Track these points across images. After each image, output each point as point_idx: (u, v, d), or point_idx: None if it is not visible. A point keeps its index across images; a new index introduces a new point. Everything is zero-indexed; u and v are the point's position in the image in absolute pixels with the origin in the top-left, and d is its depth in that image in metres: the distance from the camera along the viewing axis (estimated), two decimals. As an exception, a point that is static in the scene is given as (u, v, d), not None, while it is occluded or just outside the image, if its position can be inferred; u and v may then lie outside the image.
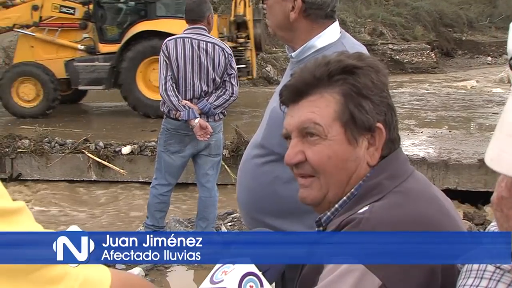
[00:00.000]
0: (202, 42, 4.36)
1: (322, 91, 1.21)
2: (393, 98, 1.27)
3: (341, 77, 1.20)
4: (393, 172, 1.21)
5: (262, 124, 2.08)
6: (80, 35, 9.89)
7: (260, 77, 16.26)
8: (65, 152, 7.36)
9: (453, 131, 8.47)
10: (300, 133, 1.23)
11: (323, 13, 1.95)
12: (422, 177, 1.28)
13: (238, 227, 5.15)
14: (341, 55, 1.25)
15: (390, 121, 1.23)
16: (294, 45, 1.99)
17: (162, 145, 4.59)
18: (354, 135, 1.20)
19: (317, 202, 1.25)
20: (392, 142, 1.24)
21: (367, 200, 1.16)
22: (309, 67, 1.24)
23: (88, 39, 9.86)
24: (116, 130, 8.73)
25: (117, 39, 9.58)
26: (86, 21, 9.80)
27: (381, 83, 1.22)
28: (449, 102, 11.90)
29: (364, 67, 1.21)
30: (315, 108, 1.21)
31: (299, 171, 1.24)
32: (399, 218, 1.10)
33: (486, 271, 0.96)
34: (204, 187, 4.61)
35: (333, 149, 1.19)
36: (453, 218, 1.20)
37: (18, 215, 0.74)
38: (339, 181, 1.21)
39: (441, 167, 6.48)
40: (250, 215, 2.07)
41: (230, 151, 6.91)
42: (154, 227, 4.69)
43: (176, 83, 4.37)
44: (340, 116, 1.19)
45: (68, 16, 9.79)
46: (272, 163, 1.95)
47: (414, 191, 1.18)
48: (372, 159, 1.22)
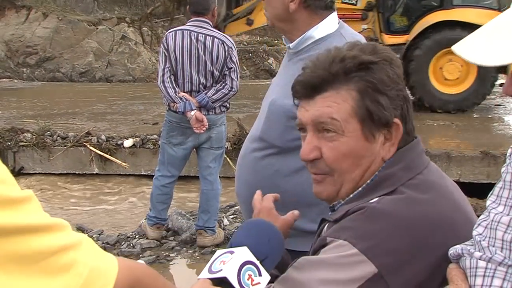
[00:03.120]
0: (201, 35, 4.34)
1: (338, 88, 1.20)
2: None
3: (357, 74, 1.19)
4: (408, 163, 1.21)
5: (260, 117, 2.06)
6: (359, 26, 9.35)
7: (262, 69, 16.24)
8: (67, 145, 7.36)
9: (456, 122, 8.43)
10: (316, 128, 1.22)
11: (323, 3, 1.93)
12: (437, 169, 1.28)
13: (240, 220, 5.15)
14: (355, 48, 1.23)
15: (406, 114, 1.23)
16: (292, 36, 1.97)
17: (165, 137, 4.59)
18: (371, 131, 1.19)
19: (331, 198, 1.26)
20: (407, 134, 1.24)
21: (380, 191, 1.16)
22: (323, 62, 1.22)
23: (368, 30, 9.44)
24: (118, 123, 8.72)
25: (405, 30, 9.25)
26: (367, 11, 9.48)
27: (396, 76, 1.21)
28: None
29: (379, 61, 1.20)
30: (332, 103, 1.20)
31: (314, 169, 1.25)
32: (407, 215, 1.10)
33: (478, 268, 0.95)
34: (206, 179, 4.61)
35: (350, 146, 1.19)
36: (465, 212, 1.20)
37: (26, 204, 0.74)
38: (353, 178, 1.21)
39: (443, 159, 6.46)
40: (250, 210, 2.06)
41: (232, 144, 6.90)
42: (156, 219, 4.70)
43: (175, 75, 4.36)
44: (357, 112, 1.19)
45: (350, 7, 9.47)
46: (272, 156, 1.94)
47: (428, 185, 1.17)
48: (388, 154, 1.22)
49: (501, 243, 0.95)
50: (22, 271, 0.71)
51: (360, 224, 1.10)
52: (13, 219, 0.70)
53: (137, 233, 4.91)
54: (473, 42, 0.89)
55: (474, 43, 0.88)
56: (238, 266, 1.07)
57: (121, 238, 4.84)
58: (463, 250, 0.99)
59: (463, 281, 0.96)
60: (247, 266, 1.08)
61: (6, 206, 0.70)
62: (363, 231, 1.08)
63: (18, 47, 15.75)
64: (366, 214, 1.10)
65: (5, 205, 0.70)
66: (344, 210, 1.16)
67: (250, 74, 16.06)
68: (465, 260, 0.98)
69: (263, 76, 15.73)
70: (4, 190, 0.71)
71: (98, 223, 5.53)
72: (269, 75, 15.23)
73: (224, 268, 1.07)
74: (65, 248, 0.77)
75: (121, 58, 15.43)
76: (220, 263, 1.09)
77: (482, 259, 0.95)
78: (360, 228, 1.09)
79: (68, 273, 0.77)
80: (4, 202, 0.70)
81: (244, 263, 1.08)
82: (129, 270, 0.93)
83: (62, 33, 15.62)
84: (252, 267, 1.09)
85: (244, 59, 15.63)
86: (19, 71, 15.64)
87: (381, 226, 1.08)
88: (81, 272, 0.79)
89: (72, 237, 0.80)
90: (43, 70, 15.60)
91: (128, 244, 4.71)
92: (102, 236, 4.90)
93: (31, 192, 0.76)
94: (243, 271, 1.07)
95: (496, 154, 6.40)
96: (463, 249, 1.00)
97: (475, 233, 0.99)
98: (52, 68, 15.57)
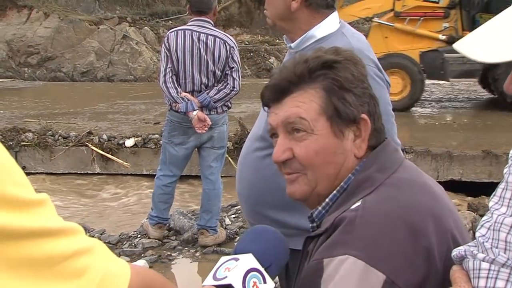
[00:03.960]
0: (203, 35, 4.33)
1: (304, 88, 1.23)
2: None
3: (322, 72, 1.22)
4: (382, 164, 1.21)
5: (261, 116, 2.06)
6: (439, 24, 9.28)
7: (263, 69, 16.24)
8: (69, 145, 7.37)
9: (457, 122, 8.43)
10: (286, 129, 1.24)
11: (324, 2, 1.93)
12: (413, 166, 1.28)
13: (242, 220, 5.15)
14: (318, 51, 1.27)
15: (374, 111, 1.25)
16: (294, 36, 1.97)
17: (166, 136, 4.59)
18: (340, 128, 1.21)
19: (305, 197, 1.26)
20: (377, 132, 1.25)
21: (359, 194, 1.15)
22: (288, 66, 1.26)
23: (449, 29, 9.26)
24: (120, 122, 8.73)
25: None
26: (449, 9, 9.27)
27: (360, 75, 1.24)
28: (453, 93, 11.85)
29: (343, 60, 1.23)
30: (299, 103, 1.22)
31: (287, 169, 1.25)
32: (392, 210, 1.09)
33: (482, 269, 0.95)
34: (208, 179, 4.61)
35: (320, 143, 1.20)
36: (446, 204, 1.20)
37: (41, 207, 0.73)
38: (327, 175, 1.22)
39: (445, 158, 6.45)
40: (252, 209, 2.06)
41: (233, 143, 6.91)
42: (158, 219, 4.70)
43: (177, 75, 4.35)
44: (325, 110, 1.21)
45: (431, 5, 9.30)
46: None
47: (405, 181, 1.18)
48: (360, 150, 1.23)
49: (504, 245, 0.94)
50: (35, 275, 0.70)
51: (354, 234, 1.07)
52: (27, 222, 0.69)
53: (139, 233, 4.91)
54: (477, 39, 0.88)
55: (478, 40, 0.88)
56: (243, 273, 1.06)
57: (123, 238, 4.84)
58: (466, 252, 0.99)
59: (466, 282, 0.96)
60: (252, 273, 1.07)
61: (20, 209, 0.69)
62: (360, 240, 1.05)
63: (20, 47, 15.77)
64: (357, 222, 1.08)
65: (20, 208, 0.69)
66: (330, 221, 1.13)
67: (251, 73, 16.07)
68: (468, 262, 0.98)
69: (265, 76, 15.73)
70: (20, 192, 0.70)
71: (99, 223, 5.53)
72: (271, 74, 15.22)
73: (229, 275, 1.06)
74: (79, 253, 0.76)
75: (123, 57, 15.44)
76: (225, 270, 1.08)
77: (485, 261, 0.95)
78: (356, 238, 1.06)
79: (81, 279, 0.76)
80: (19, 205, 0.69)
81: (249, 270, 1.07)
82: (140, 276, 0.93)
83: (64, 33, 15.63)
84: (257, 274, 1.08)
85: (245, 58, 15.64)
86: (20, 71, 15.67)
87: (374, 230, 1.06)
88: (94, 278, 0.78)
89: (86, 242, 0.79)
90: (45, 69, 15.62)
91: (130, 243, 4.71)
92: (104, 235, 4.91)
93: (46, 196, 0.75)
94: (248, 278, 1.06)
95: (498, 153, 6.39)
96: (466, 250, 0.99)
97: (478, 235, 0.98)
98: (53, 68, 15.58)
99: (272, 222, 1.97)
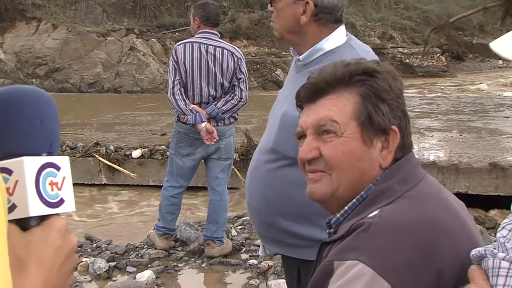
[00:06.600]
0: (211, 47, 4.38)
1: (341, 91, 1.24)
2: (404, 102, 1.29)
3: (361, 78, 1.23)
4: (404, 176, 1.21)
5: (270, 129, 2.07)
6: None
7: (270, 80, 16.30)
8: (76, 155, 7.41)
9: (464, 134, 8.42)
10: (316, 130, 1.25)
11: (333, 17, 1.95)
12: (434, 181, 1.28)
13: (248, 231, 5.15)
14: (361, 60, 1.29)
15: (404, 127, 1.25)
16: (301, 49, 1.99)
17: (173, 148, 4.61)
18: (369, 136, 1.22)
19: (325, 198, 1.25)
20: (405, 148, 1.26)
21: (378, 204, 1.16)
22: (328, 69, 1.27)
23: None
24: (127, 133, 8.76)
25: None
26: None
27: (397, 89, 1.25)
28: (460, 106, 11.85)
29: (383, 71, 1.24)
30: (333, 107, 1.23)
31: (312, 167, 1.26)
32: (408, 223, 1.09)
33: (501, 268, 0.96)
34: (215, 190, 4.63)
35: (348, 146, 1.21)
36: (464, 220, 1.19)
37: None
38: (350, 179, 1.22)
39: (451, 171, 6.45)
40: (264, 221, 2.05)
41: (240, 155, 6.92)
42: (165, 230, 4.71)
43: (185, 88, 4.39)
44: (358, 116, 1.22)
45: None
46: (286, 167, 1.94)
47: (425, 195, 1.18)
48: (385, 161, 1.23)
49: None
50: None
51: (367, 241, 1.07)
52: None
53: (146, 243, 4.93)
54: None
55: None
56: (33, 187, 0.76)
57: (130, 248, 4.85)
58: (486, 251, 1.00)
59: (485, 280, 0.97)
60: (42, 174, 0.77)
61: None
62: (371, 248, 1.06)
63: (28, 58, 15.90)
64: (371, 230, 1.09)
65: None
66: (347, 227, 1.14)
67: (258, 85, 16.12)
68: (488, 261, 0.99)
69: (271, 87, 15.78)
70: None
71: (107, 233, 5.55)
72: (277, 86, 15.27)
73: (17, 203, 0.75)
74: None
75: (130, 69, 15.53)
76: None
77: (505, 260, 0.96)
78: (368, 246, 1.07)
79: None
80: None
81: (38, 174, 0.77)
82: None
83: (71, 44, 15.76)
84: (48, 170, 0.78)
85: (252, 70, 15.70)
86: (28, 82, 15.76)
87: (387, 239, 1.07)
88: None
89: None
90: (52, 81, 15.72)
91: (137, 254, 4.72)
92: (111, 246, 4.92)
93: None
94: (42, 185, 0.77)
95: (505, 166, 6.38)
96: (486, 249, 1.00)
97: (499, 235, 1.00)
98: (61, 79, 15.69)
99: (284, 233, 1.99)
